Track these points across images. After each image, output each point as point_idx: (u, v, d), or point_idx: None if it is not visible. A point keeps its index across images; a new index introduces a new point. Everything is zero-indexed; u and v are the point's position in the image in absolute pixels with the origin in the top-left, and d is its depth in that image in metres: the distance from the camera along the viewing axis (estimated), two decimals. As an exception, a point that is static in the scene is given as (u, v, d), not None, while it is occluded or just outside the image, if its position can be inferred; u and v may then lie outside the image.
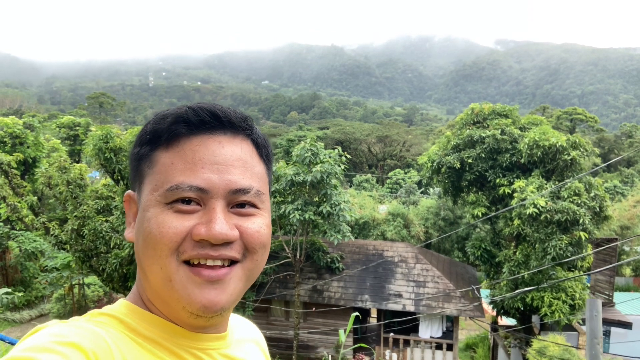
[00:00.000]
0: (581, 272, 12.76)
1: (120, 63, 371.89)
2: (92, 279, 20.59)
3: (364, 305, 15.24)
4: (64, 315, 19.21)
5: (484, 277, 18.55)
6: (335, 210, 13.76)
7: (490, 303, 15.66)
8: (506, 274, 14.05)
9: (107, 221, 14.30)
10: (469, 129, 15.71)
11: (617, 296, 18.92)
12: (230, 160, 0.80)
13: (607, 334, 15.99)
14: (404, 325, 15.38)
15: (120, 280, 13.97)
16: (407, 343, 15.54)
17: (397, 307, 14.90)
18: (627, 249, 28.64)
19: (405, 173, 47.80)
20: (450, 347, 15.18)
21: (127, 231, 0.87)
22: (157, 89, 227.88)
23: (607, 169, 52.28)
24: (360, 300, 15.20)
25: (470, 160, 15.07)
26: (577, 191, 13.33)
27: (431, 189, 36.14)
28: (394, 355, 15.44)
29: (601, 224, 14.42)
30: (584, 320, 15.28)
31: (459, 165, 15.21)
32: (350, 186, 44.82)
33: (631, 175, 48.05)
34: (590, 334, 5.02)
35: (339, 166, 14.18)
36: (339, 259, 16.10)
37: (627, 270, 29.80)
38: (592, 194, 13.75)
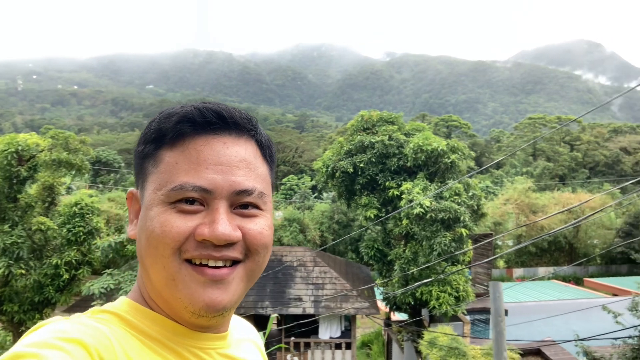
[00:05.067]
0: (464, 266, 13.86)
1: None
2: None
3: (265, 312, 15.20)
4: None
5: (377, 276, 19.41)
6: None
7: (383, 300, 16.42)
8: (397, 271, 14.83)
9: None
10: (359, 135, 16.38)
11: (493, 286, 20.82)
12: (234, 161, 0.81)
13: (486, 321, 17.54)
14: (304, 328, 15.59)
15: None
16: (307, 345, 15.78)
17: (298, 310, 15.08)
18: (500, 243, 31.71)
19: (299, 179, 48.50)
20: (348, 346, 15.68)
21: (130, 228, 0.86)
22: (27, 94, 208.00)
23: (480, 171, 57.44)
24: (260, 307, 15.14)
25: (362, 165, 15.71)
26: (457, 191, 14.48)
27: (325, 194, 37.04)
28: (295, 359, 15.59)
29: (479, 221, 15.80)
30: (468, 311, 16.63)
31: (352, 170, 15.79)
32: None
33: (500, 177, 53.27)
34: (495, 313, 5.50)
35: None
36: (237, 266, 15.87)
37: (501, 263, 33.00)
38: (470, 194, 15.02)
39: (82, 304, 13.08)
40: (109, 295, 11.91)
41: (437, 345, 12.43)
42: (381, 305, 18.16)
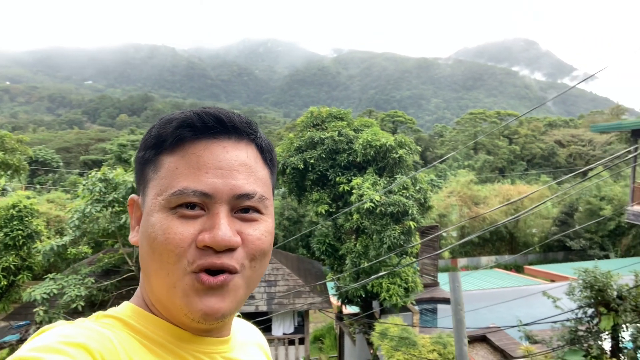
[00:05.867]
0: (413, 258, 14.22)
1: None
2: None
3: (216, 310, 15.04)
4: None
5: (329, 271, 19.61)
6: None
7: (335, 294, 16.62)
8: (349, 265, 15.04)
9: None
10: (309, 131, 16.44)
11: (440, 277, 21.52)
12: (234, 165, 0.81)
13: (434, 310, 18.09)
14: (257, 326, 15.53)
15: None
16: (260, 343, 15.74)
17: (250, 309, 15.00)
18: (444, 234, 32.72)
19: (247, 175, 48.12)
20: (302, 341, 15.76)
21: (132, 235, 0.86)
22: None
23: (425, 165, 59.02)
24: (212, 306, 14.97)
25: (312, 161, 15.78)
26: (405, 185, 14.84)
27: (275, 190, 37.00)
28: (249, 357, 15.52)
29: (426, 214, 16.25)
30: (416, 301, 17.11)
31: (302, 166, 15.83)
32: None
33: (444, 170, 54.94)
34: (454, 302, 5.69)
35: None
36: (187, 266, 15.57)
37: (446, 254, 34.08)
38: (417, 187, 15.42)
39: (23, 311, 12.45)
40: (52, 301, 11.39)
41: (388, 336, 12.71)
42: (334, 299, 18.35)
